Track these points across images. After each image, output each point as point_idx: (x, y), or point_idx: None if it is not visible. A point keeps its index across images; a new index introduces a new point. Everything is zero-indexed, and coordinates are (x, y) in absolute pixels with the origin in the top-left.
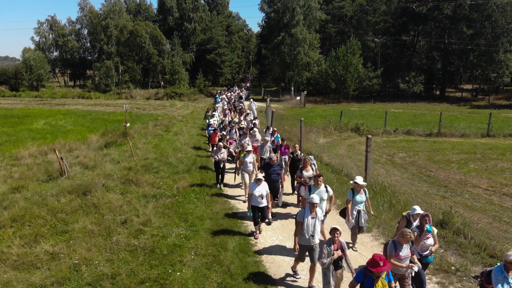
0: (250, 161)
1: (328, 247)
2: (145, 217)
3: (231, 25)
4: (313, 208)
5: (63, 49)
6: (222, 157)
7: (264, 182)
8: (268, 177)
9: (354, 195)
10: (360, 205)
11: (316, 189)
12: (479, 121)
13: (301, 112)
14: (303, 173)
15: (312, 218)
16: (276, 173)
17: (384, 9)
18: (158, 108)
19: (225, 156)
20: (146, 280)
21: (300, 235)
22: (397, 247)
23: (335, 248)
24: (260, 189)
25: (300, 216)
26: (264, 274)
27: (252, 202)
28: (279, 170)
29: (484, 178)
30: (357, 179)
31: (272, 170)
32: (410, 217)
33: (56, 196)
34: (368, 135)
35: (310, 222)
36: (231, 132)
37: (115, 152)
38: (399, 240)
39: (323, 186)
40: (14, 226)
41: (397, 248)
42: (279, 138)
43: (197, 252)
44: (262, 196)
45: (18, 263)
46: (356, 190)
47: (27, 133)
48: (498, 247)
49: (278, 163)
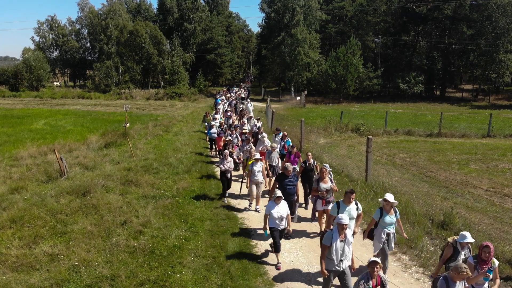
0: (258, 169)
1: (365, 283)
2: (145, 218)
3: (231, 25)
4: (342, 230)
5: (63, 49)
6: (229, 166)
7: (284, 202)
8: (283, 190)
9: (382, 216)
10: (390, 227)
11: (346, 206)
12: (479, 122)
13: (301, 112)
14: (320, 185)
15: (341, 241)
16: (293, 184)
17: (384, 9)
18: (158, 108)
19: (232, 165)
20: (146, 282)
21: (327, 259)
22: (450, 284)
23: (373, 284)
24: (279, 210)
25: (327, 239)
26: (264, 275)
27: (270, 223)
28: (295, 181)
29: (485, 178)
30: (387, 196)
31: (288, 181)
32: (457, 245)
33: (56, 197)
34: (368, 136)
35: (338, 246)
36: (232, 136)
37: (115, 152)
38: (452, 277)
39: (353, 203)
40: (13, 227)
41: (450, 286)
42: (290, 143)
43: (197, 254)
44: (282, 218)
45: (17, 265)
46: (385, 209)
47: (26, 133)
48: (500, 249)
49: (294, 173)
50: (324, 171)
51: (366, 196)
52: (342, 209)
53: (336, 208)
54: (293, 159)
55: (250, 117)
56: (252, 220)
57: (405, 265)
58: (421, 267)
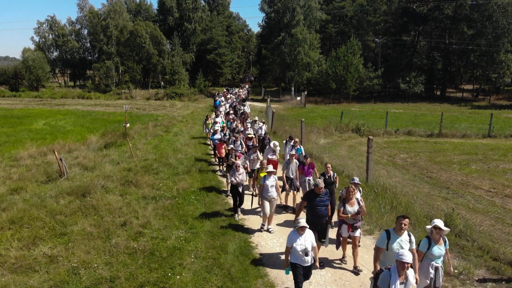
0: (272, 184)
1: None
2: (145, 219)
3: (231, 25)
4: (403, 270)
5: (63, 49)
6: (242, 179)
7: (309, 232)
8: (313, 211)
9: (430, 246)
10: (438, 261)
11: (397, 237)
12: (480, 122)
13: (302, 112)
14: (346, 208)
15: (401, 284)
16: (324, 205)
17: (385, 9)
18: (158, 108)
19: (244, 178)
20: (146, 284)
21: None
22: None
23: None
24: (303, 242)
25: (383, 282)
26: (264, 277)
27: (292, 259)
28: (327, 201)
29: (486, 179)
30: (437, 222)
31: (319, 201)
32: None
33: (55, 197)
34: (369, 136)
35: None
36: (236, 143)
37: (115, 153)
38: None
39: (406, 234)
40: (12, 228)
41: None
42: (301, 150)
43: (197, 255)
44: (306, 252)
45: (16, 266)
46: (433, 238)
47: (26, 133)
48: (502, 250)
49: (326, 191)
50: (351, 192)
51: (367, 197)
52: (393, 240)
53: (386, 239)
54: (307, 171)
55: (254, 120)
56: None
57: None
58: None
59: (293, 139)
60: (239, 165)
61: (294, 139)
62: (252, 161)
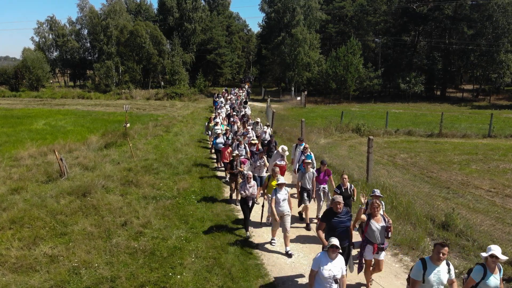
0: (283, 198)
1: None
2: (145, 219)
3: (231, 25)
4: None
5: (63, 49)
6: (253, 191)
7: (340, 257)
8: (332, 233)
9: (485, 276)
10: None
11: (434, 267)
12: (480, 122)
13: (302, 112)
14: (371, 225)
15: None
16: (345, 226)
17: (385, 9)
18: (158, 108)
19: (255, 190)
20: (146, 283)
21: None
22: None
23: None
24: (333, 267)
25: None
26: (265, 277)
27: (317, 284)
28: (348, 221)
29: (486, 179)
30: (494, 250)
31: (338, 221)
32: None
33: (56, 197)
34: (369, 136)
35: None
36: (240, 147)
37: (115, 152)
38: None
39: (444, 263)
40: (13, 228)
41: None
42: (311, 157)
43: (198, 255)
44: (335, 279)
45: (17, 266)
46: (489, 267)
47: (26, 133)
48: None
49: (346, 210)
50: (375, 207)
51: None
52: (430, 270)
53: (422, 269)
54: (322, 179)
55: (256, 122)
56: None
57: (407, 266)
58: None
59: (302, 141)
60: (251, 176)
61: (305, 144)
62: (259, 168)
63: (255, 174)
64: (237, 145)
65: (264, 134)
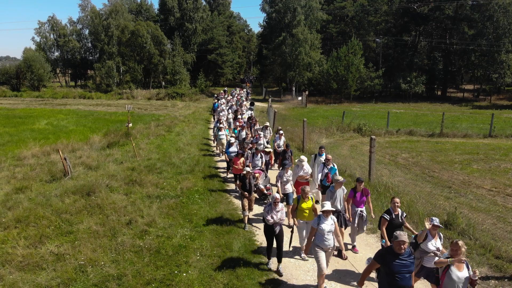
0: (330, 229)
1: None
2: (150, 217)
3: (232, 25)
4: None
5: (64, 49)
6: (281, 217)
7: None
8: (391, 279)
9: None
10: None
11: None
12: (481, 122)
13: (303, 112)
14: (451, 273)
15: None
16: (408, 271)
17: (386, 9)
18: (160, 108)
19: (283, 216)
20: (152, 281)
21: None
22: None
23: None
24: None
25: None
26: (270, 275)
27: None
28: (412, 266)
29: (487, 178)
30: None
31: (400, 264)
32: None
33: (60, 196)
34: (371, 136)
35: None
36: (256, 157)
37: (118, 152)
38: None
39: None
40: (18, 227)
41: None
42: (335, 170)
43: (203, 253)
44: None
45: (24, 264)
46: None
47: (29, 133)
48: (503, 248)
49: (409, 251)
50: (459, 250)
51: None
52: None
53: None
54: (359, 200)
55: (265, 126)
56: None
57: None
58: None
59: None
60: (279, 199)
61: (327, 155)
62: (285, 183)
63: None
64: (252, 155)
65: (278, 140)
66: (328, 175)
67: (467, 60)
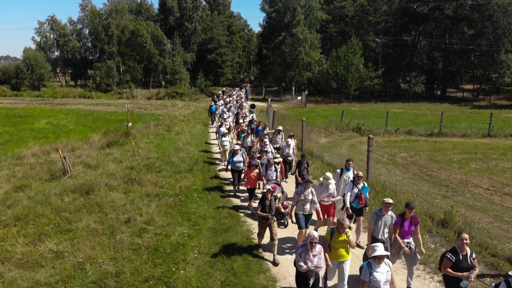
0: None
1: None
2: (148, 216)
3: (232, 25)
4: None
5: (64, 49)
6: (317, 263)
7: None
8: None
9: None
10: None
11: None
12: (480, 121)
13: (302, 112)
14: None
15: None
16: None
17: (385, 9)
18: (160, 108)
19: (322, 262)
20: (150, 279)
21: None
22: None
23: None
24: None
25: None
26: (267, 272)
27: None
28: None
29: (485, 178)
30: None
31: None
32: None
33: (60, 195)
34: (369, 135)
35: None
36: (270, 170)
37: (117, 151)
38: None
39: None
40: (18, 225)
41: None
42: (368, 190)
43: (200, 251)
44: None
45: (23, 262)
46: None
47: (29, 132)
48: (499, 246)
49: None
50: None
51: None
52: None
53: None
54: (407, 230)
55: (278, 130)
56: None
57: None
58: (421, 265)
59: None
60: (316, 239)
61: (358, 172)
62: (303, 203)
63: (299, 211)
64: (265, 167)
65: (287, 148)
66: (361, 195)
67: (466, 60)
